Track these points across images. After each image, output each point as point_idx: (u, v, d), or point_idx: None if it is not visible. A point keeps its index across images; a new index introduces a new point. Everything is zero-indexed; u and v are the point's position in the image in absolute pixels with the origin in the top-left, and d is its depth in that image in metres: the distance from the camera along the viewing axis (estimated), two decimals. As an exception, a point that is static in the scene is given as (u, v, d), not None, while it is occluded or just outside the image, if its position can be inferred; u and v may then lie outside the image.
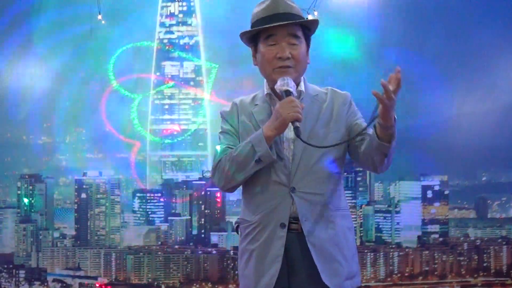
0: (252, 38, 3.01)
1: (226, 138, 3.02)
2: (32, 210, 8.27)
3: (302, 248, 2.92)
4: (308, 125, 2.95)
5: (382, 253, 8.35)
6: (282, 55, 2.94)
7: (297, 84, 3.03)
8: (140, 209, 8.37)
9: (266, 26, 2.95)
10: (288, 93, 2.88)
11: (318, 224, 2.94)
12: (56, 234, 8.39)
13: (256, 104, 3.04)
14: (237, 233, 3.08)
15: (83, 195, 8.25)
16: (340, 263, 2.91)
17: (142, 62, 7.78)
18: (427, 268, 8.23)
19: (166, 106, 7.90)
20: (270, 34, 2.94)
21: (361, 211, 8.62)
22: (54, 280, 8.19)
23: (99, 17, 7.08)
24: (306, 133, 2.93)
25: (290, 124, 2.93)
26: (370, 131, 2.98)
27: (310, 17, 3.45)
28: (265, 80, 3.06)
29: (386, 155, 2.83)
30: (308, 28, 2.98)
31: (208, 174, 7.97)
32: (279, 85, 2.91)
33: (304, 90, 3.03)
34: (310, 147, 2.90)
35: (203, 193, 8.02)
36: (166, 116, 7.87)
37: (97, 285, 7.97)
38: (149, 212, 8.34)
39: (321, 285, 2.86)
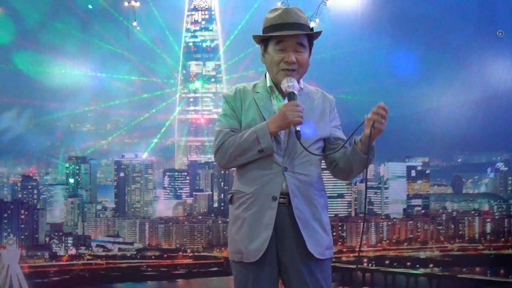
0: (263, 39, 3.15)
1: (227, 121, 3.15)
2: (79, 187, 8.79)
3: (289, 220, 3.06)
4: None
5: (373, 223, 8.70)
6: (289, 60, 3.09)
7: (298, 82, 3.13)
8: (170, 186, 8.80)
9: (278, 33, 3.08)
10: (292, 95, 3.06)
11: (304, 200, 3.07)
12: (99, 207, 8.90)
13: (258, 92, 3.16)
14: (230, 203, 3.17)
15: (121, 174, 8.70)
16: (321, 235, 3.07)
17: (172, 61, 8.26)
18: (411, 236, 8.63)
19: (191, 99, 8.27)
20: (280, 41, 3.09)
21: (355, 187, 8.93)
22: (97, 246, 8.67)
23: (134, 23, 7.53)
24: None
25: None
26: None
27: (312, 24, 3.63)
28: (267, 74, 3.20)
29: (366, 167, 3.02)
30: (312, 36, 3.15)
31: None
32: (286, 86, 3.07)
33: (302, 87, 3.16)
34: (302, 138, 3.01)
35: (222, 172, 8.46)
36: (191, 107, 8.43)
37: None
38: (177, 188, 8.75)
39: (305, 252, 3.05)
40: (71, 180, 8.48)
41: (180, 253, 8.48)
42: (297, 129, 2.96)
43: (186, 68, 8.25)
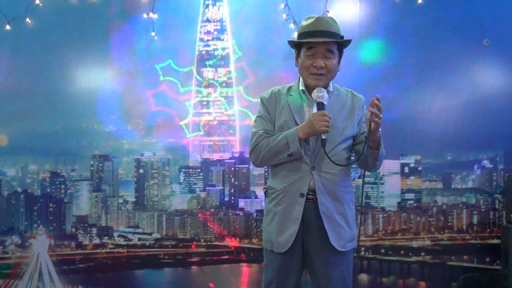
0: (296, 45, 3.34)
1: (262, 123, 3.37)
2: (102, 182, 9.10)
3: (315, 215, 3.26)
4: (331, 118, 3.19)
5: (370, 215, 8.85)
6: (317, 65, 3.26)
7: (327, 86, 3.32)
8: (185, 181, 9.08)
9: (308, 40, 3.25)
10: (321, 105, 3.21)
11: (330, 197, 3.26)
12: (120, 200, 9.17)
13: (291, 95, 3.35)
14: (266, 196, 3.42)
15: (141, 171, 9.08)
16: (344, 229, 3.29)
17: (187, 69, 8.61)
18: (404, 227, 8.85)
19: (205, 102, 8.56)
20: (310, 47, 3.27)
21: (354, 183, 8.58)
22: (119, 236, 8.92)
23: (153, 34, 7.70)
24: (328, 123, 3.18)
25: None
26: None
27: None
28: (300, 78, 3.38)
29: (377, 159, 3.23)
30: (342, 44, 3.33)
31: (236, 155, 8.44)
32: (316, 96, 3.23)
33: (331, 90, 3.35)
34: (330, 138, 3.20)
35: (232, 169, 8.78)
36: (204, 110, 8.66)
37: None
38: (191, 184, 9.06)
39: (329, 245, 3.25)
40: (97, 175, 8.92)
41: (194, 242, 8.85)
42: (323, 137, 3.15)
43: (200, 75, 8.75)
